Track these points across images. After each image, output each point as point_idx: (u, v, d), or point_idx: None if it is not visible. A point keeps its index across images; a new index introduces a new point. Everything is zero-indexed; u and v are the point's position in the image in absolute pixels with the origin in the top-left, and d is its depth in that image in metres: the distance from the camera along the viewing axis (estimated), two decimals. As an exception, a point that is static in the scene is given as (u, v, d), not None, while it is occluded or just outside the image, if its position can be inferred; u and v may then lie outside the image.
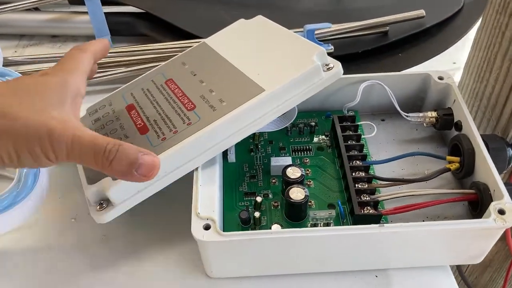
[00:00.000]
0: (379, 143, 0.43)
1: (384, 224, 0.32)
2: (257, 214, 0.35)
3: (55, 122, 0.26)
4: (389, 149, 0.43)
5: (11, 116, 0.26)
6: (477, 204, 0.36)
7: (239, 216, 0.36)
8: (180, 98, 0.38)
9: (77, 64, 0.31)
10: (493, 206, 0.33)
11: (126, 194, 0.34)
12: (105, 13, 0.56)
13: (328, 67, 0.37)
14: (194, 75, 0.40)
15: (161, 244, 0.38)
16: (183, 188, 0.35)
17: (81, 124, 0.28)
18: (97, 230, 0.39)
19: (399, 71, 0.51)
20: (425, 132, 0.44)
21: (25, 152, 0.26)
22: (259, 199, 0.37)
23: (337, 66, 0.37)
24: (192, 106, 0.36)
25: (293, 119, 0.40)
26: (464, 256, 0.36)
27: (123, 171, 0.27)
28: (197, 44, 0.45)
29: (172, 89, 0.39)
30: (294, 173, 0.37)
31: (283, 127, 0.41)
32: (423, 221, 0.37)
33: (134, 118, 0.38)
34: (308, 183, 0.39)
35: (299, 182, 0.36)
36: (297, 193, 0.35)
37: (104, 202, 0.34)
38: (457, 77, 0.60)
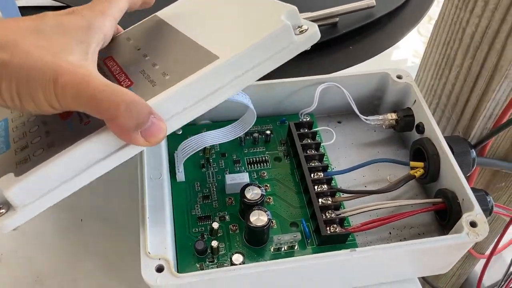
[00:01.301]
0: (338, 148, 0.40)
1: (356, 249, 0.30)
2: (214, 243, 0.32)
3: (66, 66, 0.24)
4: (348, 154, 0.40)
5: (22, 54, 0.23)
6: (444, 212, 0.34)
7: (194, 247, 0.32)
8: (117, 75, 0.31)
9: (109, 5, 0.28)
10: (465, 219, 0.31)
11: (31, 195, 0.26)
12: (19, 7, 0.49)
13: (301, 29, 0.30)
14: (138, 49, 0.33)
15: (106, 284, 0.34)
16: (128, 210, 0.31)
17: (96, 71, 0.25)
18: (27, 272, 0.34)
19: (352, 65, 0.49)
20: (384, 133, 0.42)
21: (27, 97, 0.23)
22: (215, 225, 0.33)
23: (312, 27, 0.30)
24: (129, 83, 0.30)
25: (252, 125, 0.36)
26: (433, 268, 0.34)
27: (128, 127, 0.25)
28: (146, 18, 0.37)
29: (110, 67, 0.32)
30: (253, 193, 0.33)
31: (241, 133, 0.36)
32: (390, 233, 0.35)
33: None
34: (268, 200, 0.35)
35: (260, 203, 0.33)
36: (258, 217, 0.32)
37: (4, 206, 0.26)
38: (395, 56, 0.58)
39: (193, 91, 0.27)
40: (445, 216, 0.34)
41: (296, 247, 0.33)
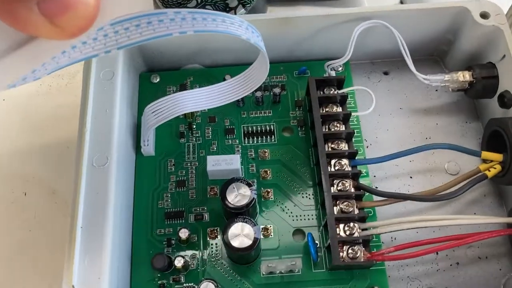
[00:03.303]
0: (378, 115, 0.28)
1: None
2: (179, 262, 0.22)
3: None
4: (393, 126, 0.28)
5: None
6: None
7: (151, 263, 0.23)
8: None
9: None
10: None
11: None
12: None
13: None
14: None
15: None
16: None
17: None
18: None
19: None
20: (449, 97, 0.29)
21: None
22: (183, 234, 0.23)
23: None
24: None
25: (262, 82, 0.24)
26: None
27: None
28: None
29: None
30: (239, 196, 0.23)
31: (245, 94, 0.25)
32: (437, 254, 0.25)
33: None
34: (265, 194, 0.25)
35: (247, 211, 0.22)
36: (242, 238, 0.22)
37: None
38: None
39: None
40: (526, 243, 0.23)
41: (297, 270, 0.23)
